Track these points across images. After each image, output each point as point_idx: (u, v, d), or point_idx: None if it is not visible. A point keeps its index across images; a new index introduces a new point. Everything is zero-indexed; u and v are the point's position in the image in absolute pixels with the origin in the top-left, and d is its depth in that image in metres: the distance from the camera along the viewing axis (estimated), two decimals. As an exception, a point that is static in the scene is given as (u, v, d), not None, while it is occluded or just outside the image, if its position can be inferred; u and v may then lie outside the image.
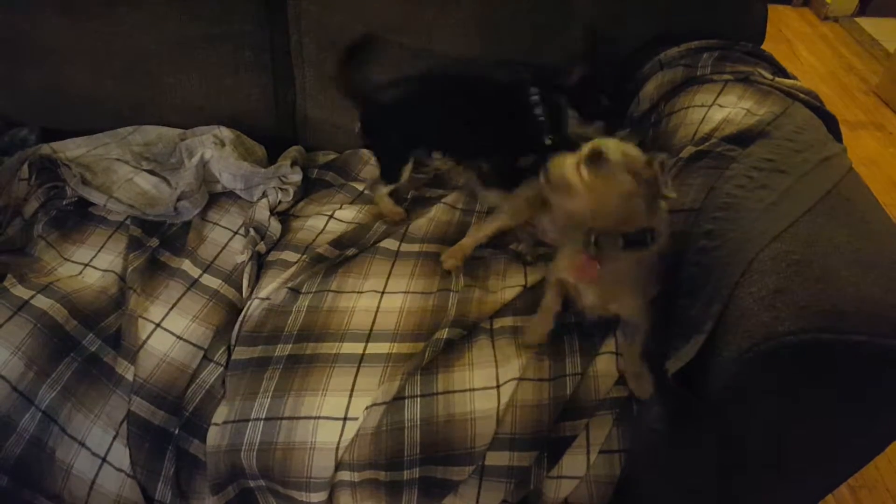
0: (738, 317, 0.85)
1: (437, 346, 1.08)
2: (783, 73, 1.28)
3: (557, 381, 1.05)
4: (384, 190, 1.41)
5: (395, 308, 1.18)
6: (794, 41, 3.43)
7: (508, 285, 1.21)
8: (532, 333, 1.10)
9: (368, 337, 1.13)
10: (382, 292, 1.21)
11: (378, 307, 1.18)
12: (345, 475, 1.00)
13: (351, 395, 1.04)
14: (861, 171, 1.00)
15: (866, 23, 3.53)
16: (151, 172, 1.48)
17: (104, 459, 1.04)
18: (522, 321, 1.14)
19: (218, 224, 1.39)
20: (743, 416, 0.88)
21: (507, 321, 1.15)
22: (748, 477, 0.93)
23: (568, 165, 0.95)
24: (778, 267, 0.84)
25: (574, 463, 1.00)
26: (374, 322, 1.16)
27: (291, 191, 1.44)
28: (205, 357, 1.13)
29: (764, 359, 0.79)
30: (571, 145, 0.99)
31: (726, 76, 1.23)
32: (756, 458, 0.91)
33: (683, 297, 0.96)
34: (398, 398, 1.03)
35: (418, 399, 1.03)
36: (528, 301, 1.17)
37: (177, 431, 1.06)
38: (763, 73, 1.23)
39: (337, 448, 1.00)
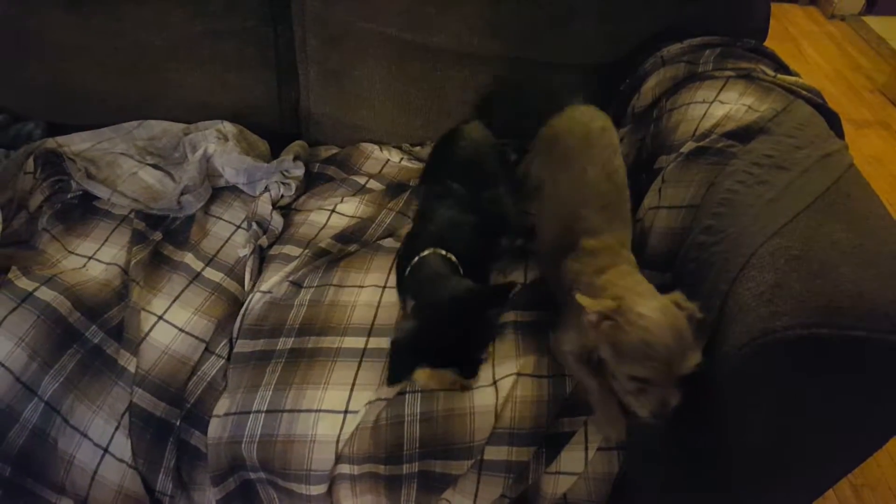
0: (736, 312, 0.85)
1: None
2: (785, 69, 1.28)
3: (556, 378, 1.05)
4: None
5: (396, 303, 1.18)
6: (800, 40, 3.41)
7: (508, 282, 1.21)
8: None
9: (370, 331, 1.14)
10: (384, 287, 1.22)
11: (380, 302, 1.19)
12: (344, 468, 1.00)
13: (352, 390, 1.05)
14: (866, 170, 0.99)
15: (873, 21, 3.51)
16: (155, 167, 1.49)
17: (106, 450, 1.05)
18: (522, 317, 1.14)
19: (221, 218, 1.40)
20: (741, 410, 0.88)
21: (508, 317, 1.14)
22: (747, 472, 0.93)
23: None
24: (776, 262, 0.84)
25: (572, 459, 1.00)
26: (375, 317, 1.16)
27: (294, 185, 1.45)
28: (206, 350, 1.14)
29: (762, 354, 0.79)
30: None
31: (728, 72, 1.23)
32: (755, 452, 0.90)
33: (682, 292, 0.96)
34: (398, 392, 1.03)
35: (418, 393, 1.03)
36: (528, 297, 1.17)
37: (178, 423, 1.07)
38: (765, 69, 1.22)
39: (337, 441, 1.00)
